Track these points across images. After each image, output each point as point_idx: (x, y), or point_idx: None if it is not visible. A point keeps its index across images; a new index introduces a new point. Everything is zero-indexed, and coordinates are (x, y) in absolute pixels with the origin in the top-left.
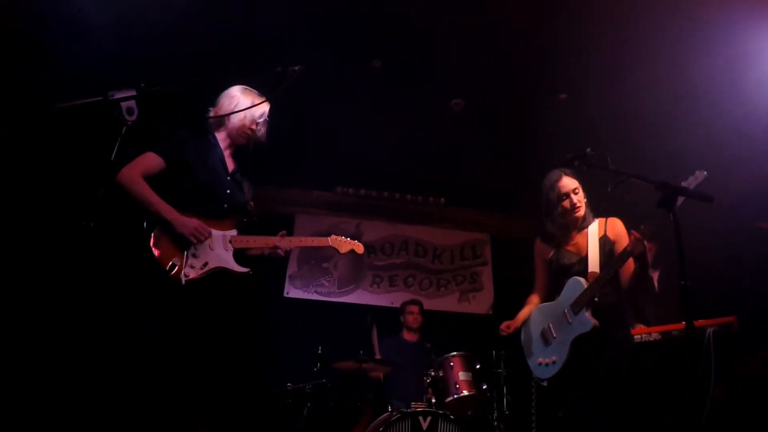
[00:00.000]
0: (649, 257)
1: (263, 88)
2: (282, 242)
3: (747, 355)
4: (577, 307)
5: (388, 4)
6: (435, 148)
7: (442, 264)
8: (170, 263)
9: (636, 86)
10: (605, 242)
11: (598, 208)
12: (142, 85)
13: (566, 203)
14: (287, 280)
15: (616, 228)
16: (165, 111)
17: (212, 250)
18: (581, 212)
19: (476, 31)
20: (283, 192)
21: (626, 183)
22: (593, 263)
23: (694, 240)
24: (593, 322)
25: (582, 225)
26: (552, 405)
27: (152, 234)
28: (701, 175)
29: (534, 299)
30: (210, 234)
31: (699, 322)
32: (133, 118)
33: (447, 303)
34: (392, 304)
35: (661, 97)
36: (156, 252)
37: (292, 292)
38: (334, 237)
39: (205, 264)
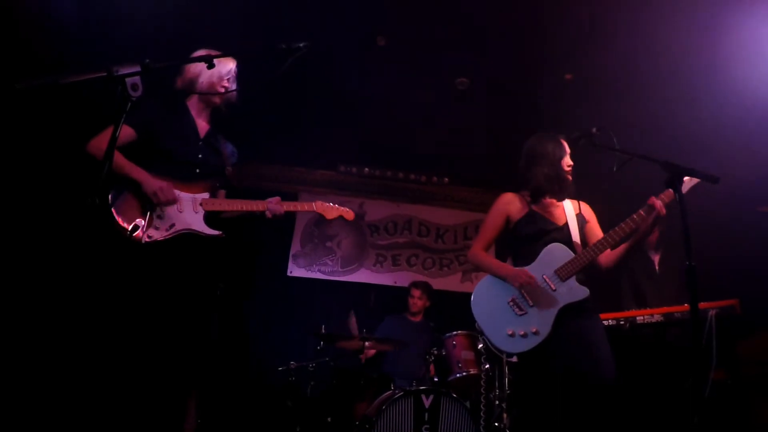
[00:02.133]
0: (653, 240)
1: (266, 64)
2: (263, 205)
3: (746, 336)
4: (565, 273)
5: None
6: (439, 127)
7: (445, 244)
8: (132, 224)
9: (641, 69)
10: (581, 220)
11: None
12: (147, 61)
13: (565, 164)
14: (290, 259)
15: (589, 209)
16: (169, 87)
17: (180, 212)
18: (570, 180)
19: (482, 9)
20: (286, 170)
21: (631, 163)
22: (575, 235)
23: (697, 224)
24: (586, 289)
25: (561, 195)
26: (530, 376)
27: (118, 197)
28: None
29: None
30: (176, 198)
31: (701, 305)
32: (138, 94)
33: (450, 283)
34: (395, 283)
35: (667, 80)
36: (118, 214)
37: (296, 271)
38: (319, 203)
39: (171, 226)
